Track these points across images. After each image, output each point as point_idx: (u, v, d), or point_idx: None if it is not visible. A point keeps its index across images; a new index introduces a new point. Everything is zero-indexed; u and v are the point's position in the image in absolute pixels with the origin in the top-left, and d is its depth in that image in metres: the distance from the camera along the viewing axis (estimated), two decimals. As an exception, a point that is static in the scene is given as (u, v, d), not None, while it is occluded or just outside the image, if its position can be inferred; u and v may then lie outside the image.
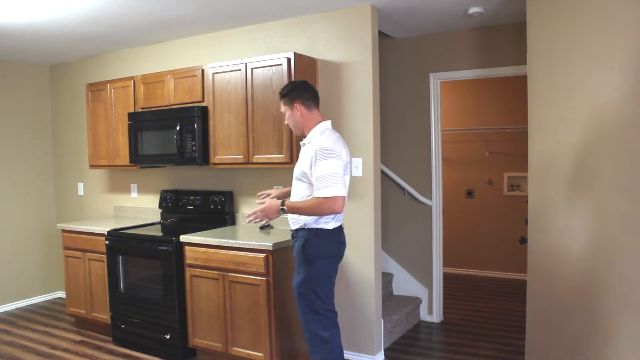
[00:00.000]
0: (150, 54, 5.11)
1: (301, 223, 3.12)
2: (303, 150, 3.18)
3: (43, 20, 4.16)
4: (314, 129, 3.15)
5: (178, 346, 4.10)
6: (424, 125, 4.95)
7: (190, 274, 4.02)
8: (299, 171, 3.14)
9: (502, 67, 4.60)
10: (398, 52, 5.04)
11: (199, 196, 4.66)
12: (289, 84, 3.25)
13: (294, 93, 3.15)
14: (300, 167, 3.12)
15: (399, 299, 5.01)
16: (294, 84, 3.22)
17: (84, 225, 4.85)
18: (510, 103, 6.40)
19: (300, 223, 3.13)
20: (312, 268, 3.11)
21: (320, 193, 2.94)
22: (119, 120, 4.85)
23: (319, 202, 2.94)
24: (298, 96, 3.15)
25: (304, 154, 3.13)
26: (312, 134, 3.14)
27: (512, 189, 6.55)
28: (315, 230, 3.10)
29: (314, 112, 3.19)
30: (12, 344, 4.63)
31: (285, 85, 3.25)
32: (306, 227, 3.12)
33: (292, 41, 4.22)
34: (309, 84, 3.25)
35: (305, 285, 3.13)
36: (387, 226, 5.10)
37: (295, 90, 3.16)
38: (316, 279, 3.12)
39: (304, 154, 3.12)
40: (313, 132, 3.14)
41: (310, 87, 3.22)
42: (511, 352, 4.18)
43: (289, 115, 3.20)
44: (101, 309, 4.69)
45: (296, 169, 3.17)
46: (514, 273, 6.48)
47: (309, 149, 3.08)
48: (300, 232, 3.15)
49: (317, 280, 3.12)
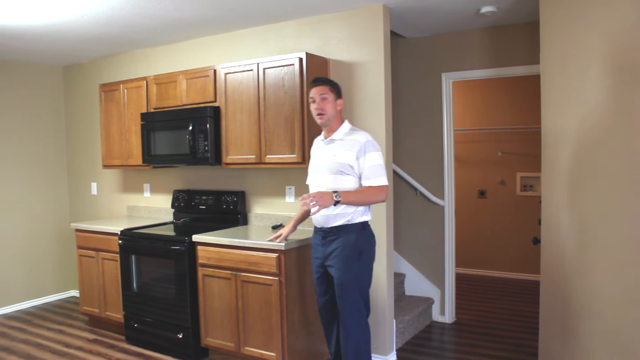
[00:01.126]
0: (163, 55, 5.13)
1: (347, 218, 3.12)
2: (332, 146, 3.19)
3: (57, 22, 4.20)
4: (343, 125, 3.24)
5: (190, 345, 4.12)
6: (436, 125, 4.93)
7: (202, 273, 4.03)
8: (340, 165, 3.11)
9: (514, 66, 4.58)
10: (410, 51, 5.03)
11: (211, 196, 4.68)
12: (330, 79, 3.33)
13: (339, 90, 3.28)
14: (341, 161, 3.11)
15: (411, 299, 5.00)
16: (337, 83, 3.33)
17: (97, 224, 4.89)
18: (523, 103, 6.36)
19: (346, 218, 3.12)
20: (364, 261, 3.19)
21: (373, 182, 3.08)
22: (131, 121, 4.88)
23: (376, 190, 3.08)
24: (340, 95, 3.29)
25: (337, 149, 3.15)
26: (342, 130, 3.22)
27: (524, 189, 6.51)
28: (361, 223, 3.17)
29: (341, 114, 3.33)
30: (27, 342, 4.68)
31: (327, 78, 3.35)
32: (352, 221, 3.13)
33: (304, 41, 4.22)
34: None
35: (360, 278, 3.18)
36: (399, 226, 5.09)
37: (340, 89, 3.30)
38: (368, 270, 3.22)
39: (338, 149, 3.15)
40: (342, 129, 3.22)
41: None
42: (524, 353, 4.16)
43: (330, 102, 3.19)
44: (114, 308, 4.72)
45: (333, 164, 3.14)
46: (527, 274, 6.44)
47: (347, 143, 3.13)
48: (345, 227, 3.14)
49: (368, 272, 3.23)
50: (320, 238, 3.26)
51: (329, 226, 3.18)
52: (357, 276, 3.17)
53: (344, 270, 3.14)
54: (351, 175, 3.12)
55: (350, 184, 3.12)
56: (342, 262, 3.14)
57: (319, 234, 3.27)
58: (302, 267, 3.78)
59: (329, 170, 3.16)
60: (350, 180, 3.12)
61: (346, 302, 3.17)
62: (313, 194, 3.01)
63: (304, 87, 3.82)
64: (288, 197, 4.35)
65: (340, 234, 3.15)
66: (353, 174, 3.12)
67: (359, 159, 3.09)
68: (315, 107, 3.20)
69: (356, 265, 3.16)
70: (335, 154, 3.15)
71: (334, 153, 3.16)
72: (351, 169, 3.10)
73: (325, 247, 3.22)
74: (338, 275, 3.16)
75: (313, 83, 3.25)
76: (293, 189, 4.32)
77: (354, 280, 3.16)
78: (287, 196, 4.36)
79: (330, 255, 3.19)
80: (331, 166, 3.15)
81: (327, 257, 3.21)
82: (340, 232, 3.15)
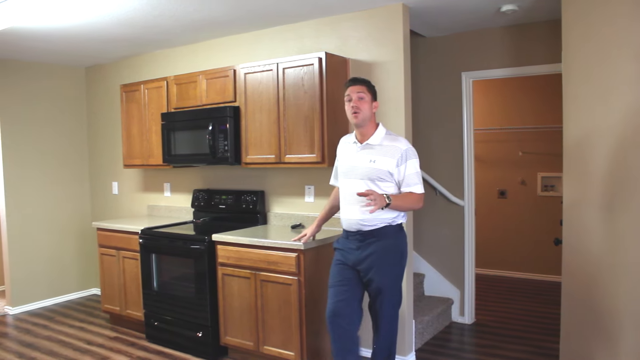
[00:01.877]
0: (183, 55, 5.17)
1: (389, 220, 3.10)
2: (369, 151, 3.13)
3: (79, 24, 4.25)
4: (379, 130, 3.18)
5: (210, 344, 4.15)
6: (456, 125, 4.90)
7: (222, 272, 4.05)
8: (379, 171, 3.06)
9: (535, 65, 4.53)
10: (430, 51, 5.00)
11: (230, 195, 4.70)
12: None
13: (375, 92, 3.23)
14: (381, 167, 3.06)
15: (431, 299, 4.97)
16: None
17: (118, 223, 4.94)
18: (544, 102, 6.29)
19: (389, 220, 3.10)
20: (403, 262, 3.20)
21: (414, 189, 3.09)
22: (152, 121, 4.92)
23: (416, 198, 3.10)
24: (376, 97, 3.24)
25: (375, 155, 3.09)
26: (379, 135, 3.16)
27: (545, 189, 6.44)
28: (400, 225, 3.17)
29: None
30: (51, 339, 4.75)
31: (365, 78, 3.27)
32: (394, 223, 3.12)
33: (323, 41, 4.22)
34: None
35: (400, 279, 3.19)
36: (419, 226, 5.07)
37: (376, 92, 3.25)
38: (404, 271, 3.24)
39: (376, 155, 3.09)
40: (379, 134, 3.17)
41: None
42: (545, 355, 4.11)
43: (367, 103, 3.13)
44: (135, 306, 4.77)
45: (371, 170, 3.08)
46: (548, 275, 6.37)
47: (387, 150, 3.08)
48: (385, 230, 3.11)
49: (403, 273, 3.24)
50: (356, 242, 3.16)
51: (367, 229, 3.11)
52: (397, 279, 3.17)
53: (385, 274, 3.11)
54: (390, 182, 3.08)
55: (388, 189, 3.08)
56: (384, 266, 3.10)
57: (355, 237, 3.17)
58: (322, 266, 3.78)
59: (366, 176, 3.10)
60: (388, 186, 3.09)
61: (386, 307, 3.16)
62: (372, 190, 2.95)
63: (323, 87, 3.82)
64: (307, 197, 4.35)
65: (381, 236, 3.10)
66: (392, 181, 3.08)
67: (399, 166, 3.05)
68: (352, 105, 3.13)
69: (397, 267, 3.15)
70: (373, 160, 3.09)
71: (372, 159, 3.10)
72: (390, 176, 3.07)
73: (362, 250, 3.13)
74: (378, 279, 3.10)
75: (350, 82, 3.19)
76: (312, 189, 4.32)
77: (394, 283, 3.15)
78: (306, 196, 4.36)
79: (368, 258, 3.11)
80: (369, 172, 3.09)
81: (364, 260, 3.13)
82: (380, 235, 3.10)
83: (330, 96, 3.86)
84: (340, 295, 3.20)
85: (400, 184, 3.10)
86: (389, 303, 3.17)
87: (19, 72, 5.60)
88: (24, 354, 4.41)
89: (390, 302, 3.17)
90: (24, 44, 4.86)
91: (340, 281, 3.23)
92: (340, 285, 3.22)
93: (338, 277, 3.24)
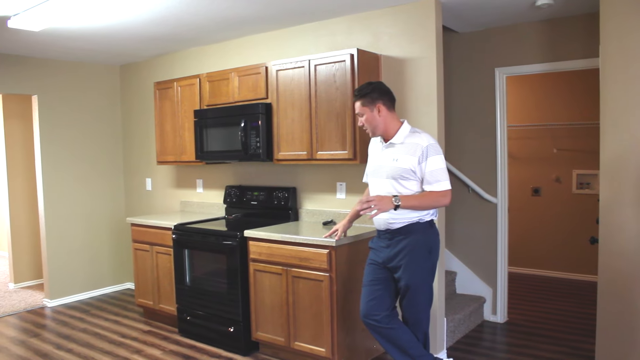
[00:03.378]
0: (215, 53, 5.22)
1: (417, 218, 3.08)
2: (392, 150, 3.12)
3: (114, 23, 4.32)
4: (402, 128, 3.13)
5: (241, 339, 4.18)
6: (489, 122, 4.84)
7: (254, 268, 4.08)
8: (401, 169, 3.04)
9: (571, 60, 4.43)
10: (462, 46, 4.95)
11: (262, 192, 4.73)
12: (366, 84, 3.16)
13: (375, 94, 3.10)
14: (403, 166, 3.04)
15: (462, 297, 4.93)
16: (372, 84, 3.14)
17: (151, 219, 5.02)
18: (580, 97, 6.17)
19: (416, 218, 3.08)
20: (433, 259, 3.16)
21: (435, 187, 3.02)
22: (185, 118, 4.98)
23: (438, 195, 3.02)
24: (379, 97, 3.11)
25: (398, 154, 3.08)
26: (402, 133, 3.12)
27: (581, 187, 6.32)
28: (429, 222, 3.14)
29: (394, 113, 3.17)
30: (86, 331, 4.86)
31: (362, 86, 3.16)
32: (422, 220, 3.10)
33: (355, 37, 4.21)
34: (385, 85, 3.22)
35: (430, 276, 3.16)
36: (451, 224, 5.03)
37: (377, 91, 3.11)
38: (434, 268, 3.20)
39: (399, 153, 3.07)
40: (402, 132, 3.12)
41: (388, 87, 3.19)
42: (580, 356, 4.03)
43: (368, 117, 3.10)
44: (168, 301, 4.84)
45: (394, 169, 3.07)
46: (583, 274, 6.25)
47: (409, 148, 3.05)
48: (414, 226, 3.09)
49: (434, 269, 3.21)
50: (386, 240, 3.17)
51: (395, 227, 3.11)
52: (427, 276, 3.14)
53: (414, 271, 3.09)
54: (413, 180, 3.05)
55: (413, 187, 3.06)
56: (412, 261, 3.08)
57: (385, 236, 3.18)
58: (353, 263, 3.78)
59: (390, 175, 3.09)
60: (412, 184, 3.06)
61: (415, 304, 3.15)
62: (372, 198, 2.98)
63: (355, 84, 3.81)
64: (339, 194, 4.35)
65: (409, 233, 3.09)
66: (415, 179, 3.05)
67: (420, 163, 3.01)
68: (358, 125, 3.24)
69: (426, 263, 3.12)
70: (396, 159, 3.08)
71: (395, 157, 3.08)
72: (413, 174, 3.04)
73: (391, 248, 3.14)
74: (407, 276, 3.09)
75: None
76: (344, 186, 4.32)
77: (423, 280, 3.13)
78: (338, 192, 4.36)
79: (397, 255, 3.11)
80: (392, 171, 3.08)
81: (394, 258, 3.13)
82: (409, 232, 3.09)
83: (362, 93, 3.84)
84: (372, 295, 3.21)
85: (423, 181, 3.07)
86: (419, 300, 3.15)
87: (55, 71, 5.73)
88: (62, 345, 4.52)
89: (420, 300, 3.15)
90: (60, 44, 4.97)
91: (372, 281, 3.23)
92: (372, 284, 3.23)
93: (370, 277, 3.25)
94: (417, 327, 3.20)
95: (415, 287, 3.11)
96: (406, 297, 3.15)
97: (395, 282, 3.18)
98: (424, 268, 3.13)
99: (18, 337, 4.75)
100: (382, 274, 3.20)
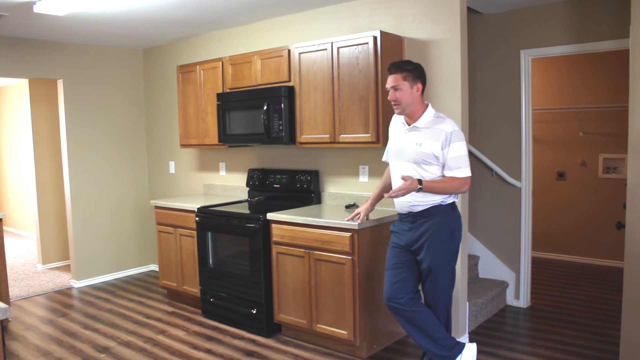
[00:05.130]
0: (237, 35, 5.21)
1: (439, 200, 3.08)
2: (416, 134, 3.10)
3: (137, 7, 4.33)
4: (427, 112, 3.12)
5: (264, 321, 4.22)
6: (513, 104, 4.77)
7: (276, 251, 4.11)
8: (424, 154, 3.04)
9: (599, 41, 4.33)
10: (487, 28, 4.87)
11: (285, 175, 4.74)
12: (407, 61, 3.15)
13: (417, 72, 3.10)
14: (426, 150, 3.03)
15: (485, 282, 4.90)
16: (414, 63, 3.13)
17: (175, 202, 5.06)
18: (608, 80, 6.04)
19: (438, 201, 3.08)
20: (455, 241, 3.18)
21: (456, 173, 3.02)
22: (208, 101, 4.99)
23: (459, 181, 3.03)
24: (419, 77, 3.11)
25: (422, 138, 3.06)
26: (426, 118, 3.10)
27: (607, 171, 6.21)
28: (451, 204, 3.14)
29: (422, 97, 3.17)
30: (112, 312, 4.95)
31: (404, 61, 3.15)
32: (444, 203, 3.10)
33: (378, 19, 4.17)
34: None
35: (452, 259, 3.17)
36: (474, 208, 4.99)
37: (419, 70, 3.12)
38: (457, 250, 3.21)
39: (422, 138, 3.06)
40: (426, 116, 3.11)
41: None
42: (604, 342, 3.99)
43: (406, 92, 3.07)
44: (191, 283, 4.90)
45: (417, 153, 3.06)
46: (609, 260, 6.17)
47: (433, 133, 3.04)
48: (436, 209, 3.09)
49: (457, 252, 3.22)
50: (408, 223, 3.17)
51: (418, 210, 3.11)
52: (449, 258, 3.15)
53: (436, 253, 3.10)
54: (435, 165, 3.05)
55: (435, 172, 3.06)
56: (435, 243, 3.09)
57: (407, 219, 3.18)
58: (376, 246, 3.78)
59: (412, 159, 3.08)
60: (434, 169, 3.06)
61: (438, 287, 3.16)
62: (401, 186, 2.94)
63: (378, 66, 3.78)
64: (362, 177, 4.34)
65: (432, 216, 3.09)
66: (437, 164, 3.05)
67: (443, 149, 3.01)
68: (389, 98, 3.13)
69: (448, 246, 3.13)
70: (419, 143, 3.06)
71: (418, 142, 3.07)
72: (436, 159, 3.03)
73: (414, 230, 3.14)
74: (429, 258, 3.10)
75: (388, 70, 3.14)
76: (367, 169, 4.31)
77: (446, 263, 3.14)
78: (360, 176, 4.35)
79: (420, 238, 3.11)
80: (415, 156, 3.07)
81: (417, 240, 3.13)
82: (431, 214, 3.09)
83: (385, 75, 3.77)
84: (395, 278, 3.21)
85: (443, 167, 3.06)
86: (441, 283, 3.15)
87: (80, 55, 5.78)
88: (88, 325, 4.61)
89: (442, 282, 3.15)
90: (84, 28, 5.00)
91: (395, 264, 3.23)
92: (395, 268, 3.23)
93: (393, 260, 3.25)
94: (439, 310, 3.21)
95: (437, 269, 3.11)
96: (429, 279, 3.15)
97: (418, 265, 3.18)
98: (447, 250, 3.13)
99: (47, 317, 4.86)
100: (405, 257, 3.20)
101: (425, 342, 3.17)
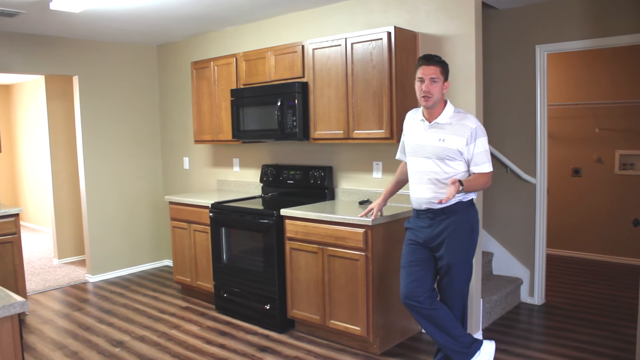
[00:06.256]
0: (251, 32, 5.22)
1: (459, 197, 3.07)
2: (438, 130, 3.08)
3: (151, 4, 4.35)
4: (447, 108, 3.11)
5: (277, 316, 4.24)
6: (529, 100, 4.73)
7: (290, 247, 4.12)
8: (449, 150, 3.03)
9: (617, 36, 4.29)
10: (502, 23, 4.83)
11: (299, 171, 4.75)
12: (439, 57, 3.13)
13: (448, 69, 3.14)
14: (450, 146, 3.02)
15: (499, 279, 4.88)
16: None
17: (189, 198, 5.09)
18: (625, 75, 5.97)
19: (459, 197, 3.07)
20: (474, 238, 3.18)
21: (482, 168, 3.05)
22: (222, 97, 5.01)
23: (486, 177, 3.06)
24: (448, 74, 3.15)
25: (445, 134, 3.04)
26: (447, 114, 3.09)
27: (624, 168, 6.15)
28: (470, 201, 3.15)
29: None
30: (127, 306, 4.99)
31: (438, 55, 3.14)
32: (464, 199, 3.11)
33: (392, 15, 4.15)
34: None
35: (471, 255, 3.17)
36: (488, 204, 4.96)
37: (448, 68, 3.15)
38: (475, 247, 3.21)
39: (445, 134, 3.04)
40: (447, 112, 3.10)
41: None
42: (619, 340, 3.95)
43: (439, 86, 3.05)
44: (205, 278, 4.92)
45: (440, 149, 3.04)
46: (625, 257, 6.11)
47: (457, 129, 3.03)
48: (456, 206, 3.08)
49: (475, 249, 3.22)
50: (427, 220, 3.15)
51: (438, 207, 3.09)
52: (468, 254, 3.15)
53: (457, 250, 3.09)
54: (460, 161, 3.05)
55: (459, 168, 3.06)
56: (455, 240, 3.08)
57: (426, 215, 3.15)
58: (390, 242, 3.78)
59: (436, 155, 3.07)
60: (458, 165, 3.06)
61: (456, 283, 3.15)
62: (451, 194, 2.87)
63: (392, 62, 3.77)
64: (375, 173, 4.34)
65: (451, 213, 3.08)
66: (462, 159, 3.04)
67: (469, 144, 3.00)
68: (423, 89, 3.05)
69: (468, 242, 3.13)
70: (442, 139, 3.05)
71: (441, 138, 3.05)
72: (460, 155, 3.03)
73: (433, 227, 3.12)
74: (450, 255, 3.09)
75: (423, 61, 3.08)
76: (380, 165, 4.30)
77: (465, 259, 3.14)
78: (374, 172, 4.35)
79: (440, 235, 3.10)
80: (438, 152, 3.06)
81: (436, 237, 3.11)
82: (452, 212, 3.08)
83: (399, 71, 3.80)
84: (413, 276, 3.19)
85: (469, 162, 3.06)
86: (459, 279, 3.15)
87: (95, 52, 5.83)
88: (103, 319, 4.66)
89: (460, 279, 3.15)
90: (99, 25, 5.03)
91: (412, 261, 3.21)
92: (412, 265, 3.21)
93: (410, 257, 3.23)
94: (455, 306, 3.20)
95: (456, 266, 3.11)
96: (447, 276, 3.15)
97: (436, 262, 3.17)
98: (467, 247, 3.13)
99: (62, 311, 4.91)
100: (422, 255, 3.19)
101: (443, 339, 3.16)
